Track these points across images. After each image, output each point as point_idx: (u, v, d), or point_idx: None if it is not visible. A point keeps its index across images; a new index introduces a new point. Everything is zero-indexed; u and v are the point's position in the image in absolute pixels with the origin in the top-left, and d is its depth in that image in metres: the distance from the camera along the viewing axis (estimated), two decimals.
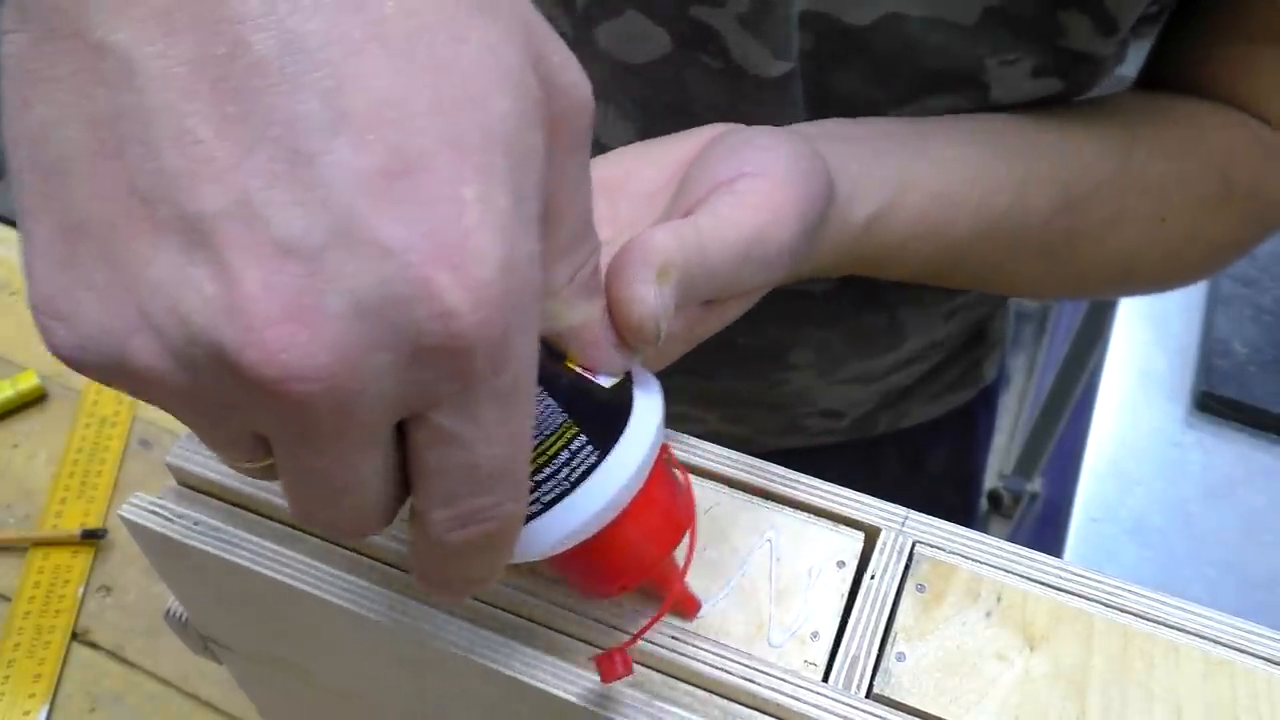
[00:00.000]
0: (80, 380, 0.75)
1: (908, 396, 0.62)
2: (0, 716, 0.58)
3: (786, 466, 0.32)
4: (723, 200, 0.30)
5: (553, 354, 0.25)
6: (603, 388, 0.25)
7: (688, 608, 0.29)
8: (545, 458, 0.24)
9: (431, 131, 0.17)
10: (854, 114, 0.40)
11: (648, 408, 0.26)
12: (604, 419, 0.25)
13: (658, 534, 0.27)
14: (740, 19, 0.39)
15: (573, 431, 0.24)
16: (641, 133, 0.44)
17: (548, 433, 0.24)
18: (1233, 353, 0.79)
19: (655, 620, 0.27)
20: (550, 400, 0.24)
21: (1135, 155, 0.43)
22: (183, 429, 0.21)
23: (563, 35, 0.43)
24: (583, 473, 0.24)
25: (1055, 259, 0.43)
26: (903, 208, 0.37)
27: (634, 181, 0.34)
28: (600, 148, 0.37)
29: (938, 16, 0.38)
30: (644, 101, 0.37)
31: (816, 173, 0.32)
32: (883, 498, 0.31)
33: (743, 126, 0.34)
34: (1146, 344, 0.83)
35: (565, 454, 0.24)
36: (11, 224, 0.88)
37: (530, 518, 0.24)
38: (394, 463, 0.20)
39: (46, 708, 0.58)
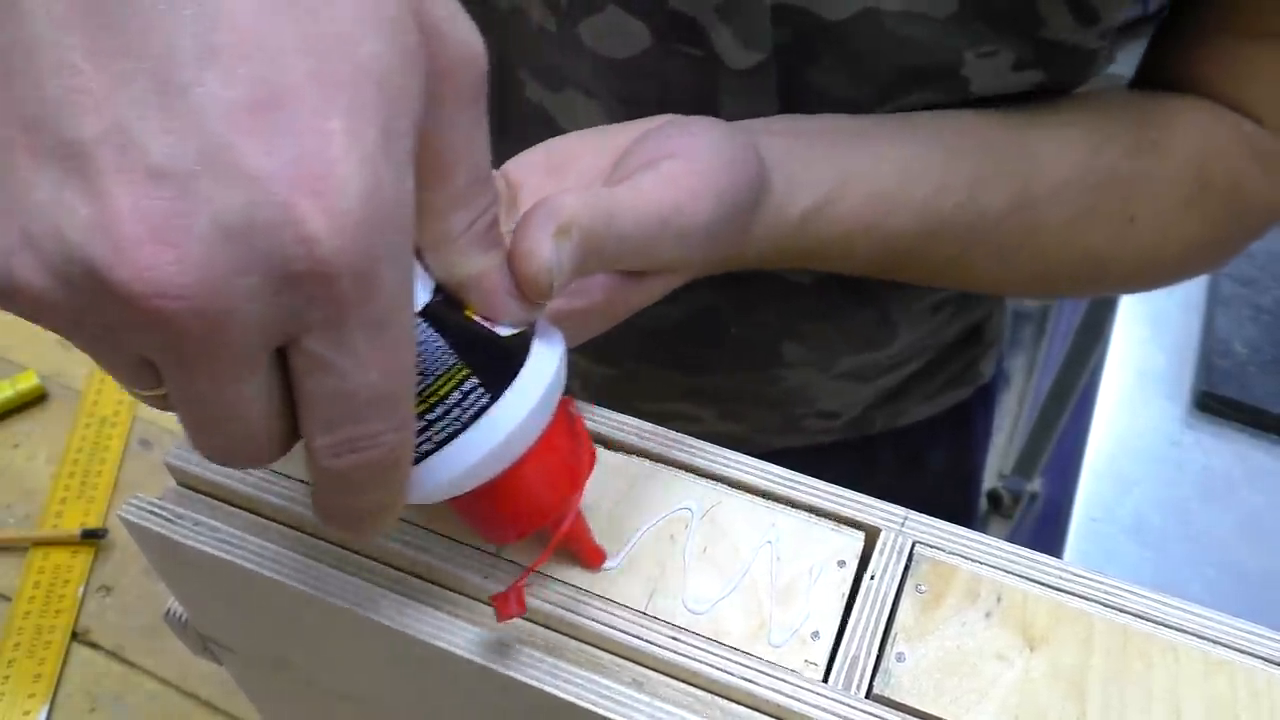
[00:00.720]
0: (80, 380, 0.75)
1: (904, 395, 0.62)
2: (0, 716, 0.58)
3: (785, 466, 0.32)
4: (644, 175, 0.31)
5: (451, 302, 0.25)
6: (500, 336, 0.26)
7: (591, 558, 0.29)
8: (436, 397, 0.24)
9: (301, 67, 0.18)
10: (831, 110, 0.40)
11: (545, 356, 0.26)
12: (497, 364, 0.25)
13: (556, 480, 0.27)
14: (717, 9, 0.39)
15: (464, 373, 0.25)
16: None
17: (438, 372, 0.24)
18: (1233, 353, 0.79)
19: (543, 558, 0.27)
20: (442, 342, 0.24)
21: (1103, 154, 0.42)
22: (182, 429, 0.21)
23: (550, 33, 0.43)
24: (474, 414, 0.25)
25: (1013, 258, 0.43)
26: (840, 204, 0.38)
27: (578, 164, 0.35)
28: None
29: (914, 10, 0.38)
30: (627, 97, 0.38)
31: (743, 162, 0.34)
32: (882, 497, 0.31)
33: (683, 116, 0.35)
34: (1146, 344, 0.83)
35: (457, 394, 0.25)
36: None
37: (423, 457, 0.25)
38: (279, 390, 0.21)
39: (46, 708, 0.58)
